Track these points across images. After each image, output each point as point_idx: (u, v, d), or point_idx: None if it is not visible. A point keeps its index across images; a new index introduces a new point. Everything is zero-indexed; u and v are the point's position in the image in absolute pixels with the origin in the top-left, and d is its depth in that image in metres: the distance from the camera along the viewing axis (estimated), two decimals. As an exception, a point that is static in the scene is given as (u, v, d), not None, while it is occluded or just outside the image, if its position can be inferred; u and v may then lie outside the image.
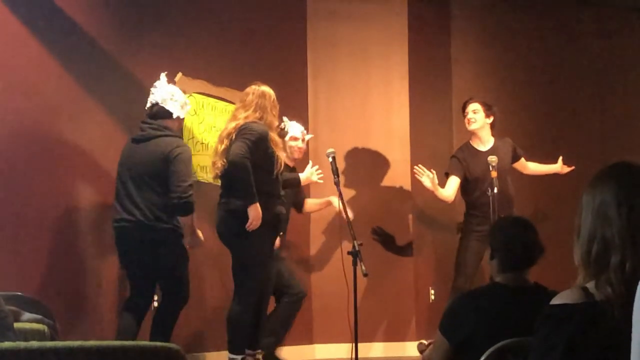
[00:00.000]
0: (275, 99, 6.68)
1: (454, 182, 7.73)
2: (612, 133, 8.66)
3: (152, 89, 6.71)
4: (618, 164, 2.68)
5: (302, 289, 7.62)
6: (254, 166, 6.36)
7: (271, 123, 6.59)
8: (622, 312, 2.31)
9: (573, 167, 7.99)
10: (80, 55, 6.89)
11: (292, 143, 7.67)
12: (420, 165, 7.64)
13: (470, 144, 7.85)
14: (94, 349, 2.63)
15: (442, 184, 7.66)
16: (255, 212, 6.30)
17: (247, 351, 6.79)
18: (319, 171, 7.47)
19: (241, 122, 6.47)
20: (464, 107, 7.88)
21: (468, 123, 7.83)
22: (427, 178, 7.58)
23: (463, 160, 7.76)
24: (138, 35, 7.29)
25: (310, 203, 8.06)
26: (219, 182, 6.63)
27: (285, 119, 7.65)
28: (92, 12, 7.02)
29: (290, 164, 7.60)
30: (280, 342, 7.70)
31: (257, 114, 6.54)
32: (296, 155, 7.70)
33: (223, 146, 6.48)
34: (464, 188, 7.79)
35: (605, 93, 9.24)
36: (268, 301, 6.84)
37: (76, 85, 6.82)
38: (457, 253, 7.69)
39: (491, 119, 7.81)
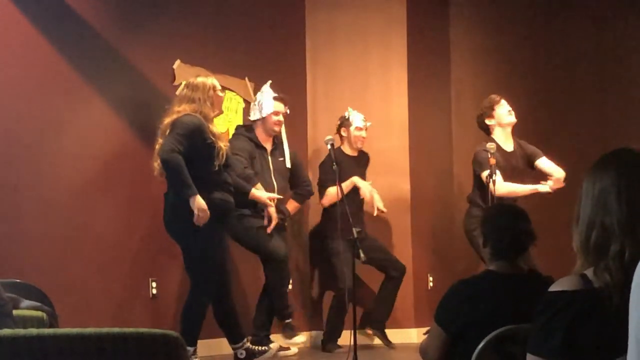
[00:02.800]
0: (213, 88, 6.59)
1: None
2: (611, 120, 8.66)
3: None
4: (619, 151, 2.67)
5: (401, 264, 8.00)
6: (191, 158, 6.28)
7: (207, 114, 6.49)
8: (621, 299, 2.31)
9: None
10: (78, 43, 6.87)
11: (357, 133, 7.96)
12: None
13: (494, 141, 7.74)
14: (93, 336, 2.64)
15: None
16: (198, 204, 6.23)
17: (233, 346, 6.83)
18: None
19: (174, 116, 6.42)
20: (495, 100, 7.77)
21: (511, 114, 7.79)
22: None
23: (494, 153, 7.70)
24: (137, 23, 7.27)
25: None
26: None
27: (349, 109, 7.81)
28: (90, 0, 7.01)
29: (354, 153, 7.98)
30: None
31: (191, 107, 6.46)
32: (359, 145, 8.03)
33: (158, 145, 6.44)
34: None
35: (605, 80, 9.23)
36: (230, 291, 6.80)
37: (75, 73, 6.80)
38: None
39: None
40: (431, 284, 8.77)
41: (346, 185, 7.75)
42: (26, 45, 6.55)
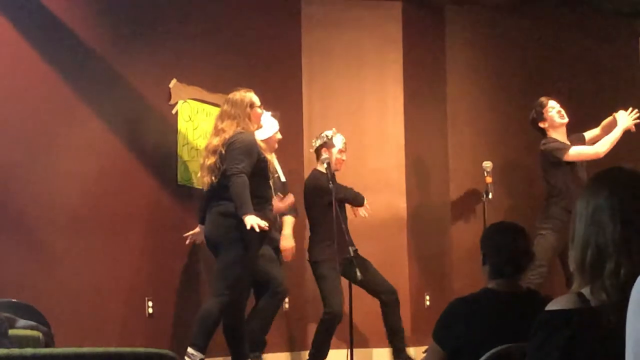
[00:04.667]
0: (250, 104, 6.72)
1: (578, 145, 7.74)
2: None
3: None
4: (612, 170, 2.68)
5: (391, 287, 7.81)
6: (250, 176, 6.45)
7: (249, 128, 6.66)
8: (617, 318, 2.31)
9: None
10: (74, 62, 6.88)
11: (339, 156, 7.82)
12: None
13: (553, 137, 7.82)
14: (89, 355, 2.63)
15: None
16: (253, 220, 6.32)
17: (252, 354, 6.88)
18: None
19: (226, 136, 6.56)
20: (544, 104, 7.83)
21: (560, 116, 7.81)
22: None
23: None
24: (132, 41, 7.28)
25: None
26: None
27: (333, 130, 7.76)
28: (85, 17, 7.01)
29: (333, 171, 7.82)
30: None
31: (235, 124, 6.61)
32: (339, 168, 7.83)
33: (210, 161, 6.59)
34: (553, 170, 7.75)
35: (602, 99, 9.24)
36: (245, 308, 6.83)
37: (69, 91, 6.80)
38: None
39: None
40: (428, 302, 8.76)
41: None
42: (21, 64, 6.56)
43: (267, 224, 6.41)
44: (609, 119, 7.95)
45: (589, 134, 8.00)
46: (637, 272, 2.26)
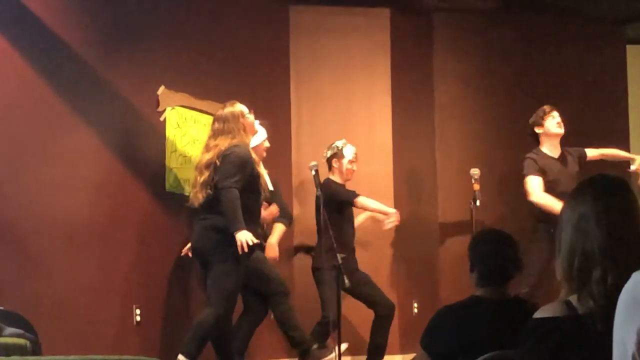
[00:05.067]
0: (241, 113, 6.74)
1: (537, 182, 7.77)
2: (593, 142, 8.65)
3: None
4: (595, 177, 2.70)
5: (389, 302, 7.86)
6: (242, 190, 6.48)
7: (245, 141, 6.70)
8: (605, 325, 2.31)
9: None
10: (61, 70, 6.87)
11: (349, 166, 7.92)
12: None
13: (542, 152, 7.88)
14: (75, 363, 2.62)
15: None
16: (244, 238, 6.37)
17: None
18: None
19: (221, 148, 6.58)
20: (546, 111, 7.88)
21: (558, 126, 7.87)
22: None
23: (538, 161, 7.82)
24: (120, 49, 7.27)
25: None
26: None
27: (343, 140, 7.81)
28: (73, 23, 7.01)
29: (344, 182, 7.92)
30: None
31: (230, 138, 6.64)
32: (350, 177, 7.94)
33: (203, 177, 6.60)
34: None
35: (589, 110, 9.27)
36: (232, 316, 6.89)
37: (57, 99, 6.80)
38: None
39: None
40: (416, 310, 8.75)
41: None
42: (9, 74, 6.55)
43: (257, 240, 6.46)
44: (627, 156, 8.03)
45: (591, 152, 8.08)
46: (623, 279, 2.27)
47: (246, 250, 6.38)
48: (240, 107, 6.78)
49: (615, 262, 2.47)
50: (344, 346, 7.41)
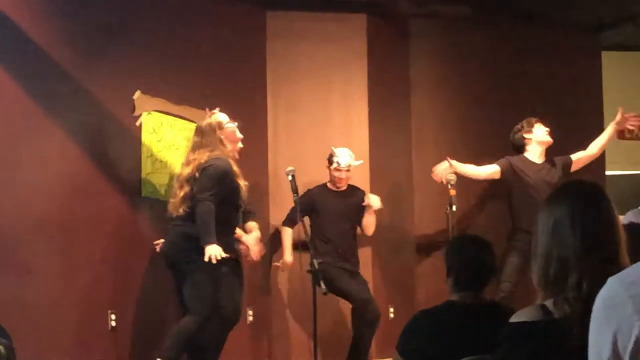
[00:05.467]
0: (219, 124, 6.81)
1: (491, 167, 8.00)
2: (570, 151, 8.68)
3: None
4: (570, 183, 2.71)
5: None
6: (220, 201, 6.54)
7: (225, 153, 6.75)
8: (581, 330, 2.32)
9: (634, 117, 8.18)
10: (37, 73, 6.84)
11: (335, 173, 8.09)
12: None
13: (525, 157, 7.99)
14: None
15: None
16: (213, 253, 6.43)
17: None
18: None
19: (201, 161, 6.63)
20: (532, 123, 8.00)
21: (549, 135, 8.02)
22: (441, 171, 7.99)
23: (514, 164, 7.94)
24: (96, 53, 7.24)
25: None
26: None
27: (333, 148, 7.86)
28: (49, 27, 6.97)
29: (337, 189, 8.11)
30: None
31: (209, 151, 6.69)
32: (339, 184, 8.11)
33: (184, 191, 6.68)
34: (512, 196, 7.99)
35: (563, 112, 9.30)
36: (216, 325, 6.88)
37: (32, 103, 6.76)
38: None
39: None
40: (392, 315, 8.76)
41: None
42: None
43: (226, 255, 6.50)
44: (608, 133, 8.25)
45: (577, 155, 8.16)
46: (599, 284, 2.28)
47: (214, 261, 6.42)
48: (218, 118, 6.82)
49: (591, 267, 2.48)
50: None
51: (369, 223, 8.20)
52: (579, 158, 8.19)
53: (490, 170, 8.04)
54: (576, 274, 2.48)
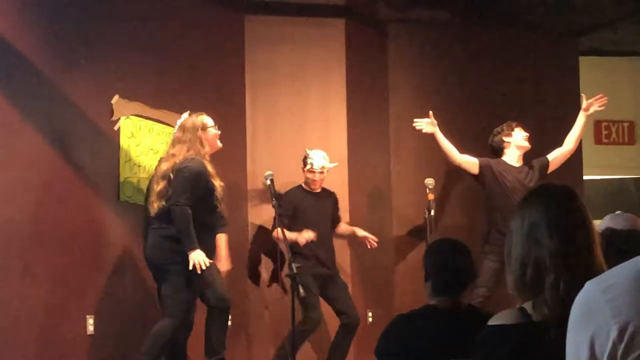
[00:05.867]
0: (202, 125, 6.85)
1: (470, 158, 8.03)
2: (545, 153, 8.72)
3: None
4: (543, 186, 2.73)
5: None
6: (195, 203, 6.56)
7: (204, 154, 6.77)
8: (558, 332, 2.33)
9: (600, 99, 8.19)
10: (13, 73, 6.81)
11: (308, 175, 8.05)
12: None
13: (503, 160, 8.01)
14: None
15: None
16: (197, 259, 6.49)
17: None
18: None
19: (176, 160, 6.66)
20: (512, 126, 8.02)
21: (528, 140, 8.04)
22: (422, 122, 8.02)
23: (493, 166, 7.96)
24: (74, 57, 7.22)
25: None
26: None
27: (307, 151, 7.83)
28: (27, 29, 6.95)
29: (311, 190, 8.07)
30: None
31: (187, 149, 6.69)
32: (313, 186, 8.07)
33: (159, 187, 6.68)
34: (490, 198, 7.98)
35: (545, 119, 9.34)
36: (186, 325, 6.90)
37: (9, 107, 6.73)
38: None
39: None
40: (370, 319, 8.77)
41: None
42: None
43: (210, 260, 6.57)
44: (580, 121, 8.25)
45: (553, 154, 8.17)
46: (576, 285, 2.29)
47: (199, 271, 6.49)
48: (203, 120, 6.87)
49: (568, 268, 2.49)
50: None
51: (346, 233, 8.28)
52: (556, 157, 8.19)
53: (468, 159, 8.03)
54: (553, 275, 2.49)
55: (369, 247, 8.21)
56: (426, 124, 8.02)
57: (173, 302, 6.62)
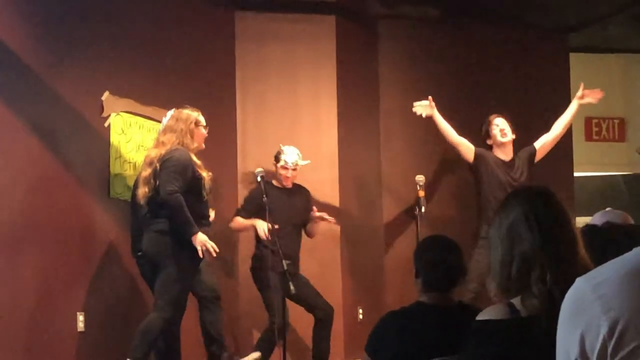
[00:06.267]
0: (195, 122, 6.82)
1: (468, 143, 8.00)
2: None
3: None
4: (519, 190, 2.79)
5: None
6: (186, 194, 6.52)
7: (187, 146, 6.72)
8: (547, 326, 2.34)
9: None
10: (4, 74, 6.79)
11: (282, 172, 7.91)
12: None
13: (494, 155, 8.00)
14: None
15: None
16: (201, 240, 6.48)
17: None
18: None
19: (162, 151, 6.62)
20: (490, 122, 7.98)
21: (502, 135, 7.99)
22: (421, 106, 8.01)
23: (489, 157, 7.93)
24: (64, 53, 7.21)
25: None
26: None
27: (281, 146, 7.78)
28: (16, 27, 6.93)
29: (282, 186, 7.91)
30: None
31: (174, 138, 6.68)
32: (285, 183, 7.91)
33: (146, 173, 6.65)
34: (481, 192, 7.95)
35: (533, 113, 9.36)
36: (180, 321, 6.91)
37: (0, 104, 6.72)
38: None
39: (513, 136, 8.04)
40: (361, 316, 8.78)
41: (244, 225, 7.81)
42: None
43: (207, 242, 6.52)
44: (571, 109, 8.24)
45: (540, 142, 8.17)
46: (562, 278, 2.31)
47: (210, 251, 6.48)
48: (197, 115, 6.88)
49: (552, 258, 2.51)
50: (254, 355, 7.40)
51: (315, 231, 8.08)
52: (543, 144, 8.17)
53: (465, 143, 8.00)
54: (538, 268, 2.50)
55: (332, 221, 8.07)
56: (424, 107, 7.99)
57: (162, 295, 6.61)
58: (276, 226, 7.40)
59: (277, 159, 7.95)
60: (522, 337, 2.48)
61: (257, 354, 7.40)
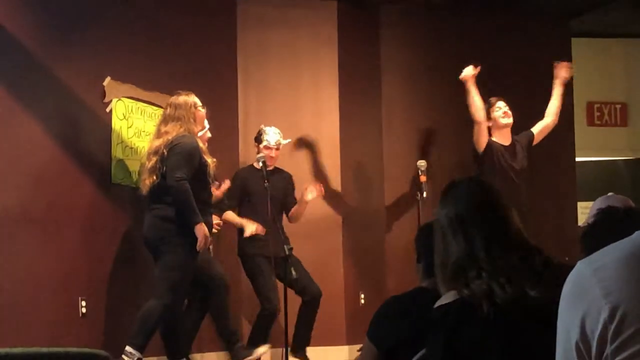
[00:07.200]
0: (194, 104, 6.81)
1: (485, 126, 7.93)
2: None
3: None
4: (451, 183, 2.82)
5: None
6: (192, 180, 6.53)
7: (192, 131, 6.73)
8: (489, 306, 2.48)
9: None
10: (7, 60, 6.80)
11: (265, 152, 7.80)
12: None
13: (496, 142, 7.96)
14: (21, 355, 2.60)
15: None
16: (202, 232, 6.49)
17: None
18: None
19: (169, 137, 6.61)
20: (492, 103, 7.96)
21: (505, 116, 7.97)
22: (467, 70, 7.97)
23: (494, 146, 7.91)
24: (67, 39, 7.21)
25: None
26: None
27: (262, 127, 7.73)
28: (18, 14, 6.93)
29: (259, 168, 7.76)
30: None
31: (179, 126, 6.67)
32: (268, 162, 7.76)
33: (151, 163, 6.65)
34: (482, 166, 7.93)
35: (535, 96, 9.34)
36: (182, 307, 6.96)
37: (3, 91, 6.72)
38: None
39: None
40: (363, 301, 8.79)
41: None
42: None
43: (208, 236, 6.57)
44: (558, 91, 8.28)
45: (537, 127, 8.16)
46: (498, 270, 2.36)
47: (208, 244, 6.54)
48: (194, 98, 6.84)
49: (483, 261, 2.56)
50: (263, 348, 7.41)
51: (299, 214, 7.97)
52: (540, 129, 8.21)
53: (485, 128, 7.95)
54: (474, 269, 2.57)
55: (319, 194, 7.99)
56: (467, 70, 7.97)
57: (161, 282, 6.61)
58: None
59: (259, 139, 7.87)
60: (469, 316, 2.54)
61: (265, 347, 7.41)
